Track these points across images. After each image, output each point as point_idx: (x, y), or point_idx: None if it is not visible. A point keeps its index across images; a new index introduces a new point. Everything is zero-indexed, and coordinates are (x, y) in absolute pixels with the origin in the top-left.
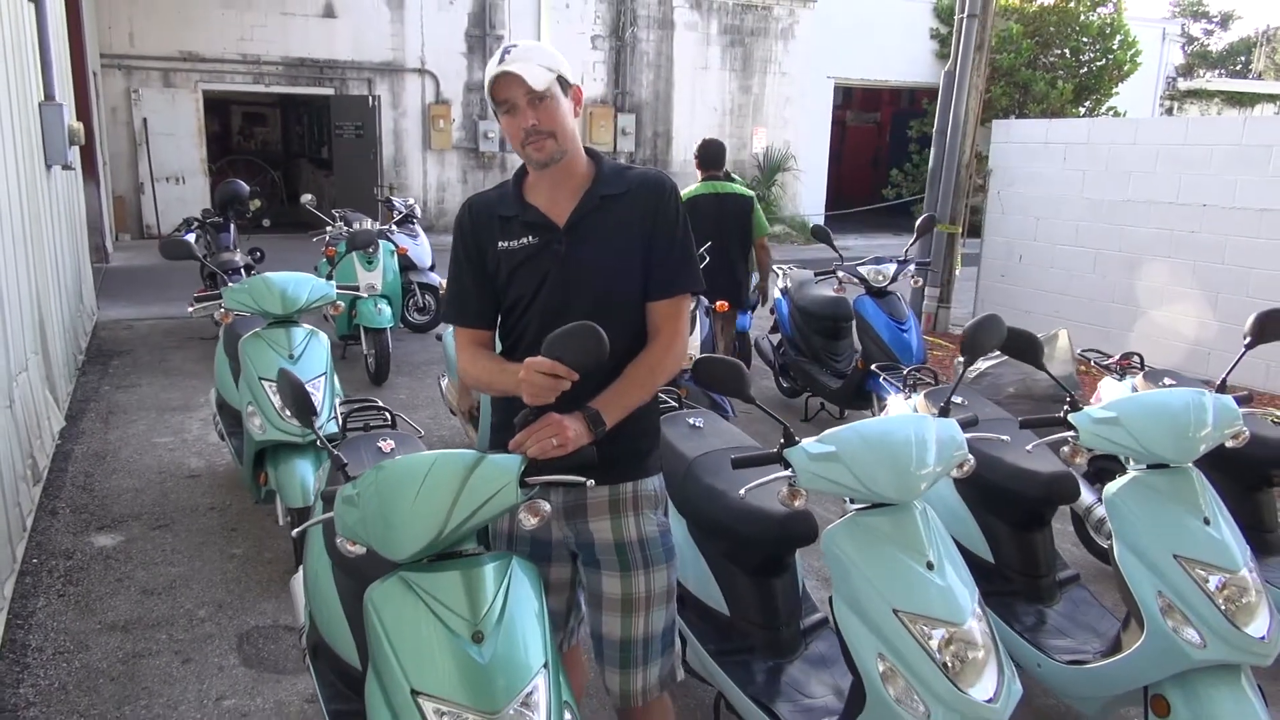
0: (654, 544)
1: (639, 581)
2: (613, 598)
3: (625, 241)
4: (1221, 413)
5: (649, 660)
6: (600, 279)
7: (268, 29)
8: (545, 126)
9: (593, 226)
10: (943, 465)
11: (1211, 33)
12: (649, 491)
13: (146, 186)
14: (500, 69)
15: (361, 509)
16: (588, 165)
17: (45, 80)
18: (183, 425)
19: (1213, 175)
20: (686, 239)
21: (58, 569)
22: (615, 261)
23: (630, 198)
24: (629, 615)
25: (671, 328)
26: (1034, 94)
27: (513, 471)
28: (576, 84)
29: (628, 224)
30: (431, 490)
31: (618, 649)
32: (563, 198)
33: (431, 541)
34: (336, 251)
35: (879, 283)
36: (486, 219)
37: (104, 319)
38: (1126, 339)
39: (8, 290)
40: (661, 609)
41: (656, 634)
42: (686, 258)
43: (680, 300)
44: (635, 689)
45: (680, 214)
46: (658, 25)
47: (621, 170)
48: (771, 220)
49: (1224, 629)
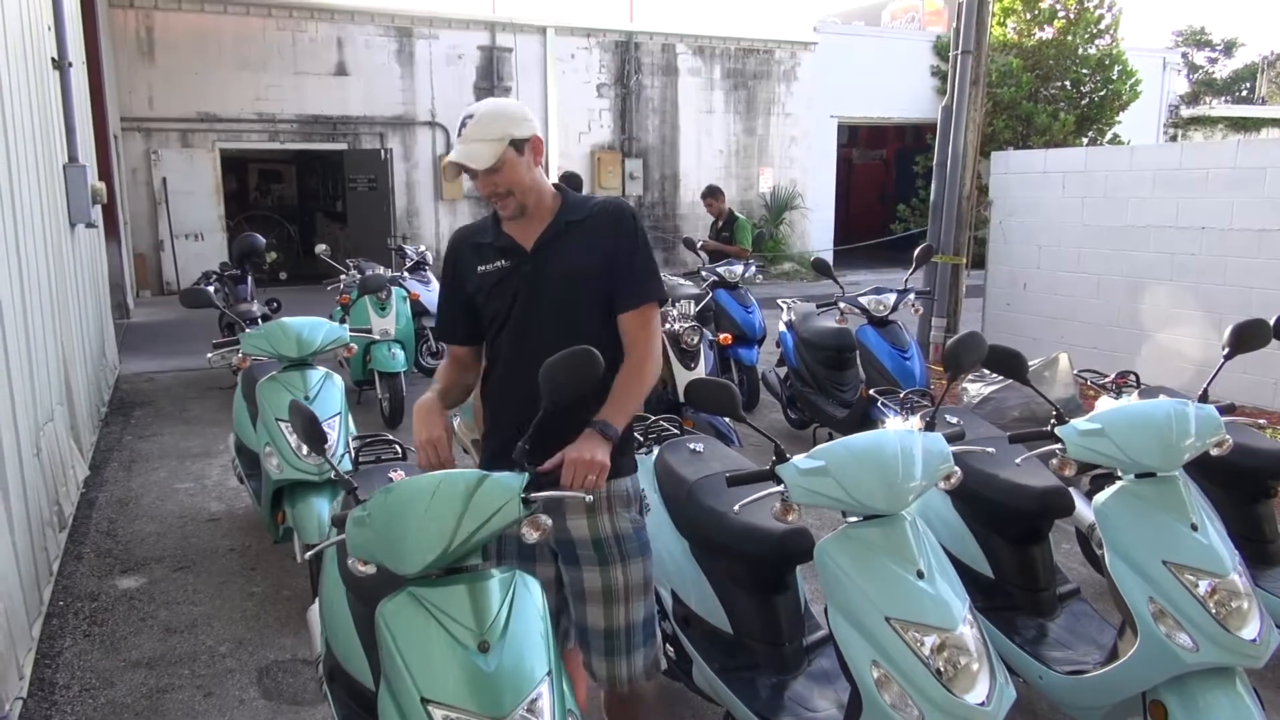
0: (629, 539)
1: (617, 574)
2: (594, 590)
3: (587, 261)
4: (1204, 422)
5: (632, 649)
6: (564, 295)
7: (282, 88)
8: (502, 188)
9: (557, 249)
10: (929, 477)
11: (1215, 60)
12: (621, 491)
13: (166, 244)
14: (451, 157)
15: (372, 528)
16: (554, 198)
17: (69, 143)
18: (203, 471)
19: (1210, 198)
20: (647, 255)
21: (83, 610)
22: (578, 279)
23: (591, 222)
24: (610, 606)
25: (645, 335)
26: (1036, 126)
27: (515, 489)
28: (535, 135)
29: (589, 245)
30: (438, 507)
31: (603, 638)
32: (532, 226)
33: (439, 555)
34: (350, 298)
35: (880, 312)
36: (468, 248)
37: (126, 372)
38: (1132, 362)
39: (34, 343)
40: (640, 600)
41: (638, 623)
42: (647, 271)
43: (647, 310)
44: (621, 675)
45: (639, 233)
46: (661, 72)
47: (584, 200)
48: (780, 258)
49: (1215, 632)
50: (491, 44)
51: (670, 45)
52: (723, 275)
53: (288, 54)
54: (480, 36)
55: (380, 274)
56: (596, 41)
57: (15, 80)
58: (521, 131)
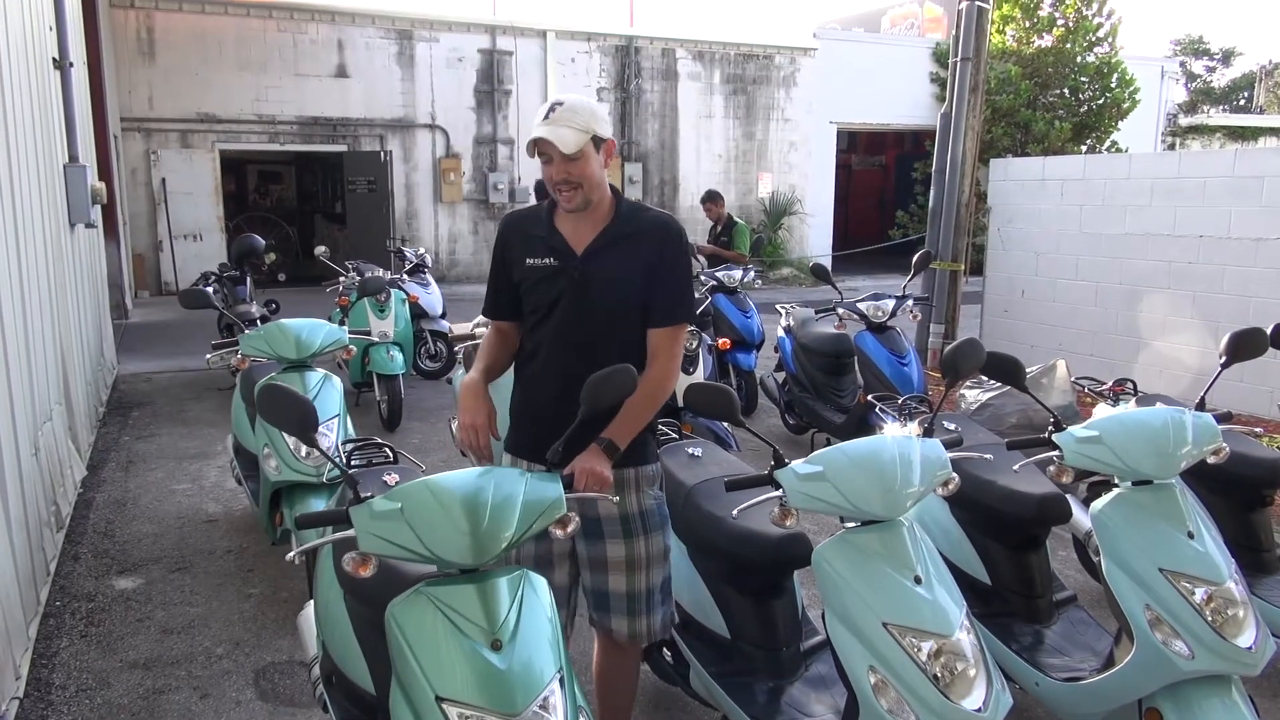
0: (651, 514)
1: (641, 546)
2: (617, 560)
3: (632, 272)
4: (1201, 430)
5: (652, 608)
6: (607, 302)
7: (282, 89)
8: (575, 179)
9: (606, 257)
10: (927, 483)
11: (1214, 69)
12: (648, 473)
13: (165, 244)
14: (538, 133)
15: (412, 521)
16: (609, 203)
17: (70, 143)
18: (200, 473)
19: (1208, 207)
20: (686, 277)
21: (80, 610)
22: (622, 288)
23: (641, 235)
24: (634, 573)
25: (668, 353)
26: (1034, 133)
27: (559, 488)
28: (610, 138)
29: (636, 258)
30: (500, 501)
31: (625, 600)
32: (585, 229)
33: (498, 552)
34: (349, 300)
35: (878, 318)
36: (519, 234)
37: (124, 372)
38: (1130, 370)
39: (33, 343)
40: (660, 566)
41: (657, 586)
42: (684, 293)
43: (677, 330)
44: (641, 631)
45: (683, 254)
46: (661, 76)
47: (637, 211)
48: (779, 263)
49: (1211, 640)
50: (492, 47)
51: (670, 50)
52: (721, 280)
53: (288, 55)
54: (481, 39)
55: (379, 276)
56: (597, 45)
57: (16, 80)
58: (603, 130)
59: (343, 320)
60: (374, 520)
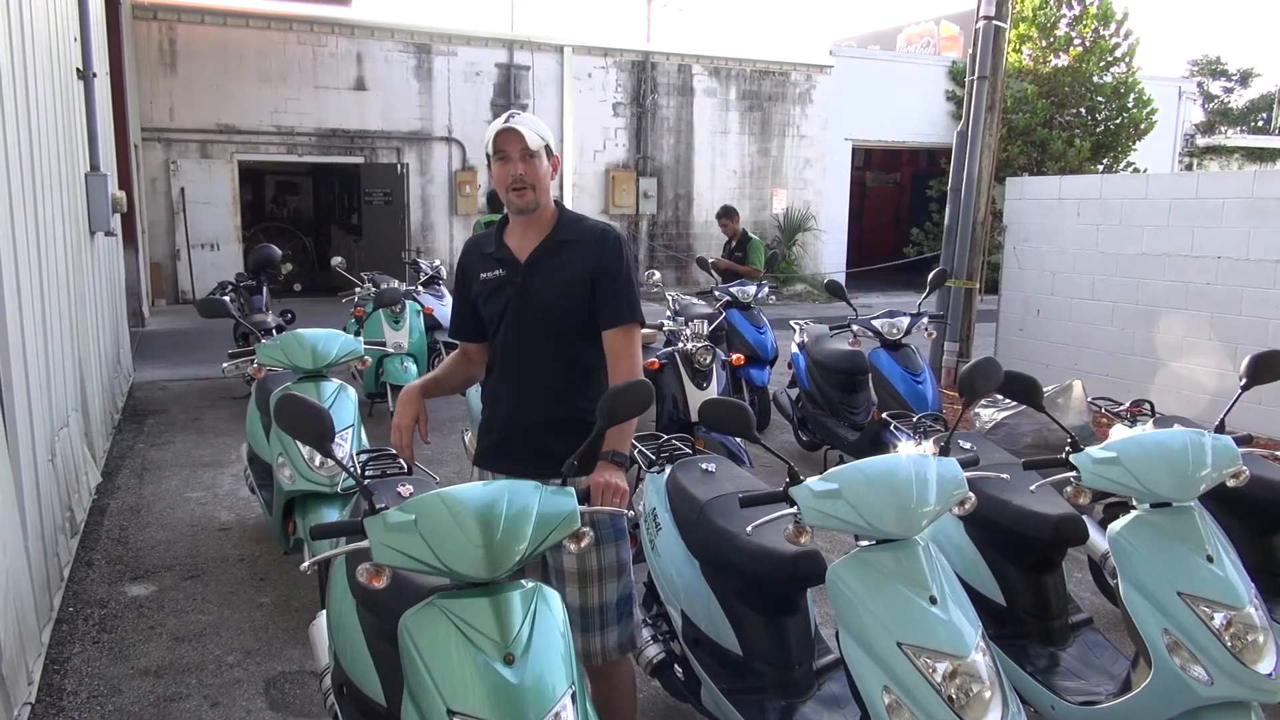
0: (603, 525)
1: (590, 557)
2: (570, 571)
3: (571, 278)
4: (1221, 453)
5: (605, 625)
6: (548, 306)
7: (301, 101)
8: (529, 179)
9: (545, 264)
10: (943, 502)
11: (1231, 90)
12: None
13: (183, 253)
14: (505, 125)
15: (425, 533)
16: (552, 214)
17: (92, 152)
18: (214, 481)
19: (1226, 228)
20: (628, 278)
21: (93, 617)
22: (561, 293)
23: (578, 243)
24: (585, 586)
25: (627, 352)
26: (1051, 152)
27: (574, 501)
28: (557, 156)
29: (575, 264)
30: (513, 518)
31: (578, 615)
32: (529, 239)
33: (512, 565)
34: (365, 311)
35: (893, 335)
36: (475, 256)
37: (140, 380)
38: (1146, 391)
39: (51, 349)
40: (614, 581)
41: (610, 603)
42: (627, 294)
43: (627, 329)
44: (595, 649)
45: (623, 259)
46: (677, 92)
47: (577, 220)
48: (793, 279)
49: (1231, 666)
50: (509, 62)
51: (686, 66)
52: (735, 295)
53: (307, 68)
54: (498, 54)
55: (395, 287)
56: (613, 61)
57: (42, 90)
58: (552, 143)
59: (358, 331)
60: (388, 532)
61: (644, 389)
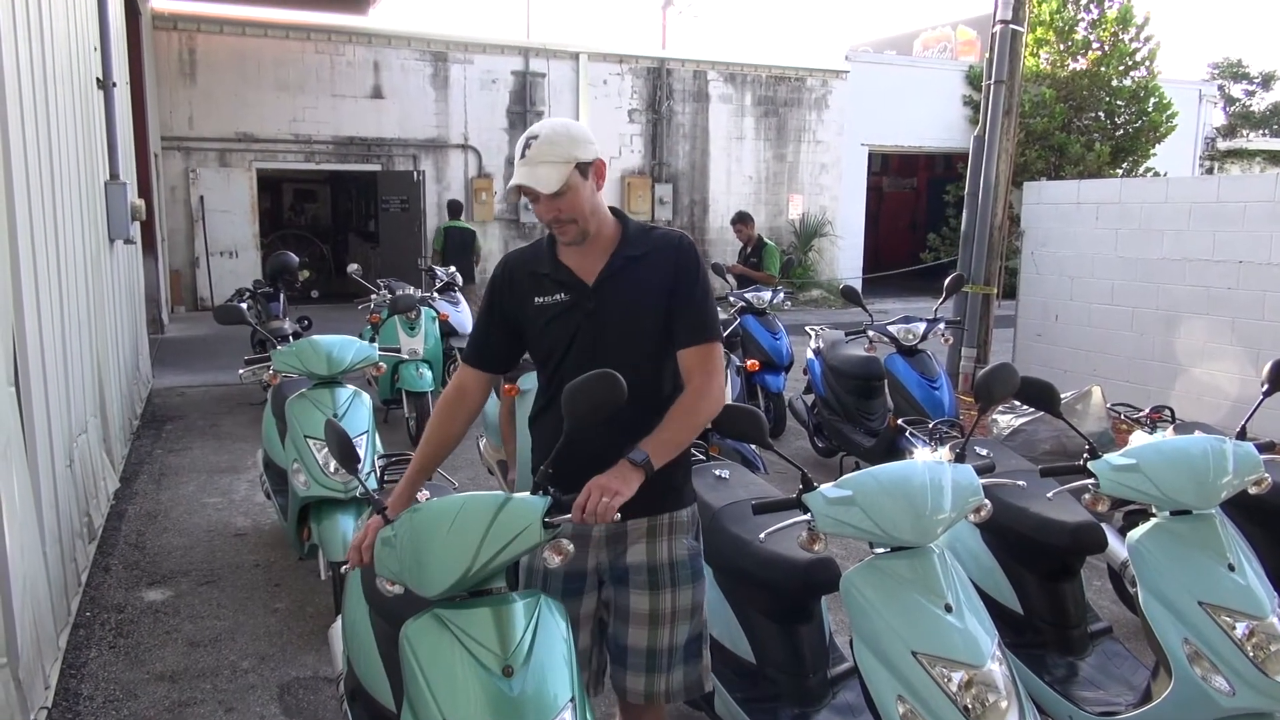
0: (683, 565)
1: (667, 599)
2: (640, 613)
3: (648, 297)
4: (1242, 459)
5: (672, 666)
6: (625, 332)
7: (318, 110)
8: (566, 215)
9: (618, 285)
10: (959, 509)
11: (1253, 93)
12: (682, 519)
13: (201, 261)
14: (516, 179)
15: (398, 549)
16: (614, 227)
17: (111, 161)
18: (231, 487)
19: (1247, 232)
20: (706, 292)
21: (109, 622)
22: (639, 316)
23: (652, 257)
24: (655, 628)
25: (703, 371)
26: (1069, 157)
27: (537, 512)
28: (598, 158)
29: (650, 281)
30: (461, 530)
31: (644, 656)
32: (591, 258)
33: (460, 578)
34: (381, 317)
35: (909, 341)
36: (522, 276)
37: (158, 386)
38: (1166, 397)
39: (70, 356)
40: (687, 623)
41: (680, 645)
42: (706, 310)
43: (707, 348)
44: (659, 690)
45: (699, 269)
46: (693, 98)
47: (644, 232)
48: (808, 285)
49: (1253, 677)
50: (525, 69)
51: (702, 72)
52: (750, 301)
53: (325, 76)
54: (514, 61)
55: (410, 294)
56: (629, 68)
57: (62, 99)
58: (586, 154)
59: (373, 337)
60: (381, 547)
61: (605, 379)
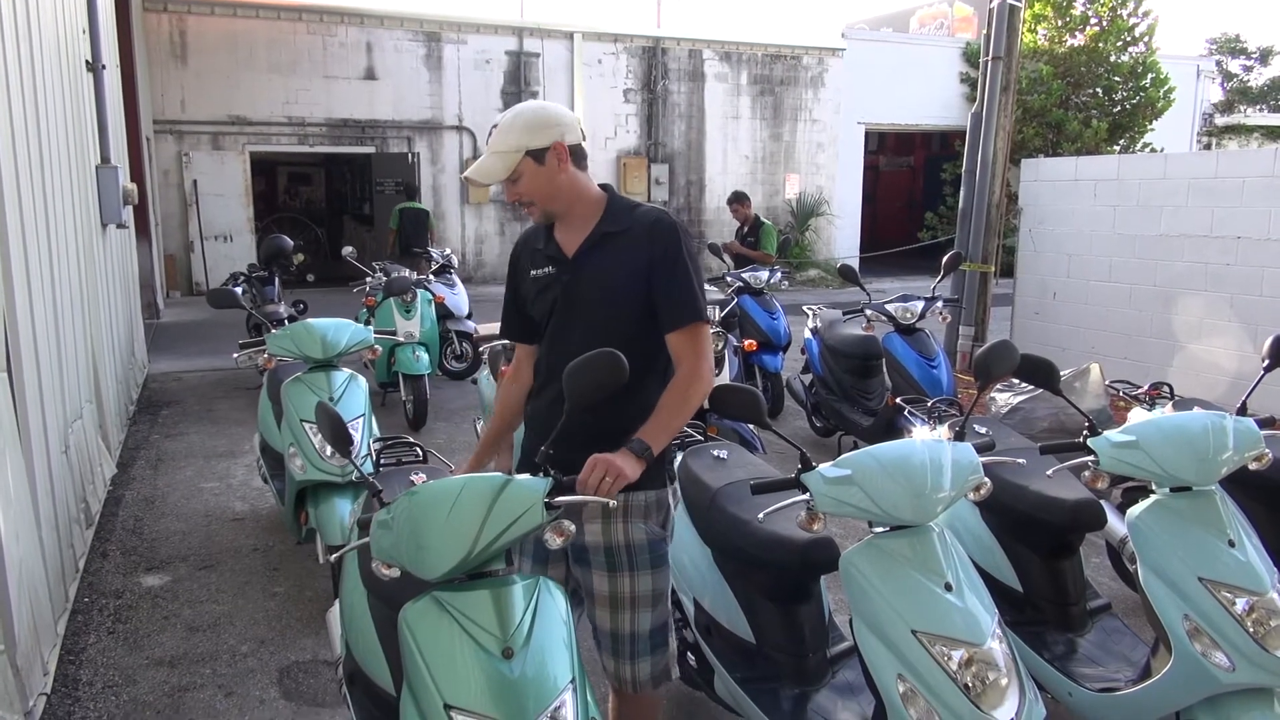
0: (641, 550)
1: (625, 583)
2: (601, 594)
3: (623, 271)
4: (1242, 435)
5: (637, 655)
6: (597, 306)
7: (312, 92)
8: (526, 198)
9: (594, 259)
10: (958, 488)
11: (1251, 68)
12: (639, 503)
13: (196, 245)
14: (466, 174)
15: (395, 531)
16: (599, 203)
17: (102, 144)
18: (228, 471)
19: (1246, 208)
20: (686, 271)
21: (108, 607)
22: (612, 291)
23: (630, 234)
24: (616, 612)
25: (691, 354)
26: (1067, 134)
27: (539, 493)
28: (557, 141)
29: (626, 257)
30: (462, 512)
31: (610, 639)
32: (576, 233)
33: (461, 561)
34: (376, 300)
35: (907, 320)
36: (527, 250)
37: (154, 371)
38: (1165, 374)
39: (64, 342)
40: (648, 611)
41: (643, 633)
42: (688, 290)
43: (692, 329)
44: (625, 677)
45: (681, 249)
46: (688, 77)
47: (628, 209)
48: (806, 265)
49: (1253, 652)
50: (519, 49)
51: (697, 51)
52: (748, 281)
53: (317, 58)
54: (508, 41)
55: (406, 276)
56: (624, 47)
57: (50, 82)
58: (538, 141)
59: (369, 320)
60: (378, 529)
61: (607, 359)
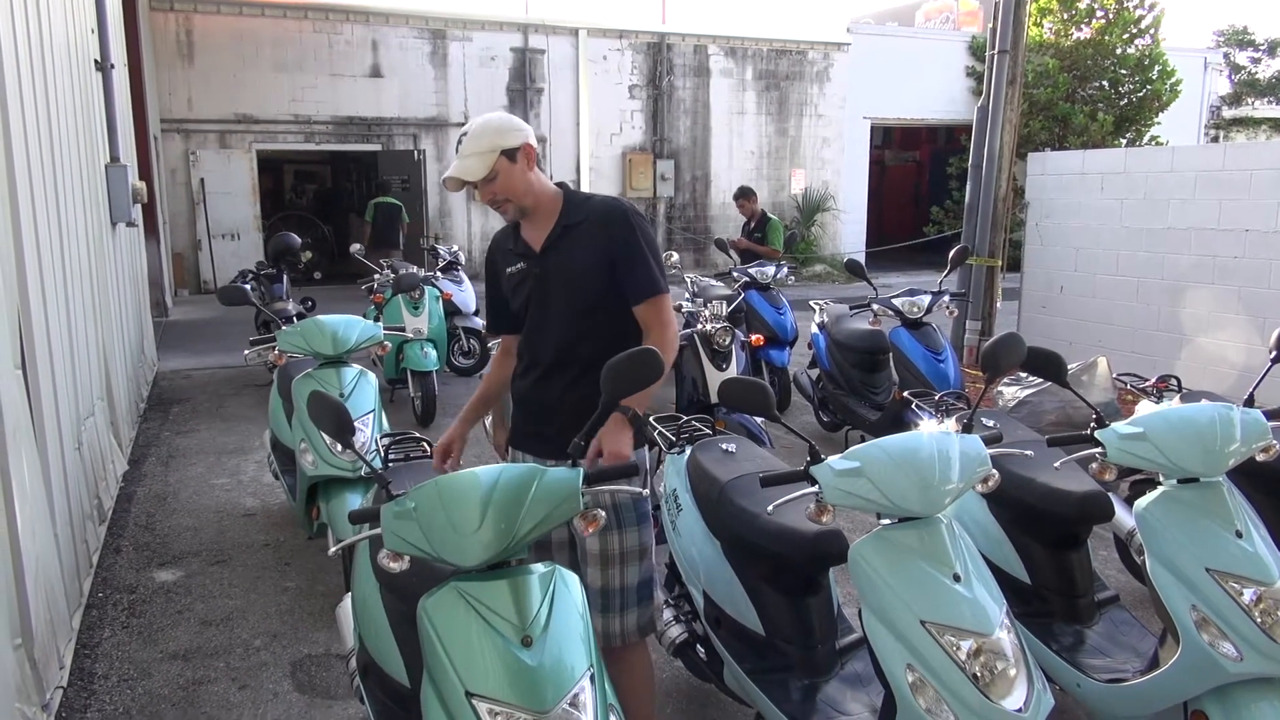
0: (626, 509)
1: (614, 540)
2: (592, 553)
3: (587, 258)
4: (1250, 426)
5: (625, 607)
6: (567, 294)
7: (318, 90)
8: (501, 196)
9: (559, 250)
10: (966, 480)
11: (1259, 61)
12: None
13: (204, 243)
14: (446, 174)
15: (420, 521)
16: (558, 199)
17: (111, 143)
18: (239, 467)
19: (1253, 200)
20: (643, 250)
21: (122, 602)
22: (579, 278)
23: (588, 224)
24: (606, 569)
25: (657, 323)
26: (1073, 127)
27: (575, 483)
28: (526, 142)
29: (588, 245)
30: (502, 501)
31: (599, 596)
32: (539, 230)
33: (503, 549)
34: (384, 297)
35: (914, 314)
36: (500, 251)
37: (164, 369)
38: (1172, 367)
39: (76, 340)
40: (635, 565)
41: (631, 586)
42: (647, 266)
43: (655, 301)
44: (614, 630)
45: (637, 230)
46: (693, 73)
47: (583, 201)
48: (812, 260)
49: (1261, 642)
50: (524, 45)
51: (702, 46)
52: (754, 276)
53: (323, 56)
54: (513, 38)
55: (413, 273)
56: (629, 43)
57: (60, 82)
58: (510, 141)
59: (378, 317)
60: (395, 519)
61: (650, 358)
